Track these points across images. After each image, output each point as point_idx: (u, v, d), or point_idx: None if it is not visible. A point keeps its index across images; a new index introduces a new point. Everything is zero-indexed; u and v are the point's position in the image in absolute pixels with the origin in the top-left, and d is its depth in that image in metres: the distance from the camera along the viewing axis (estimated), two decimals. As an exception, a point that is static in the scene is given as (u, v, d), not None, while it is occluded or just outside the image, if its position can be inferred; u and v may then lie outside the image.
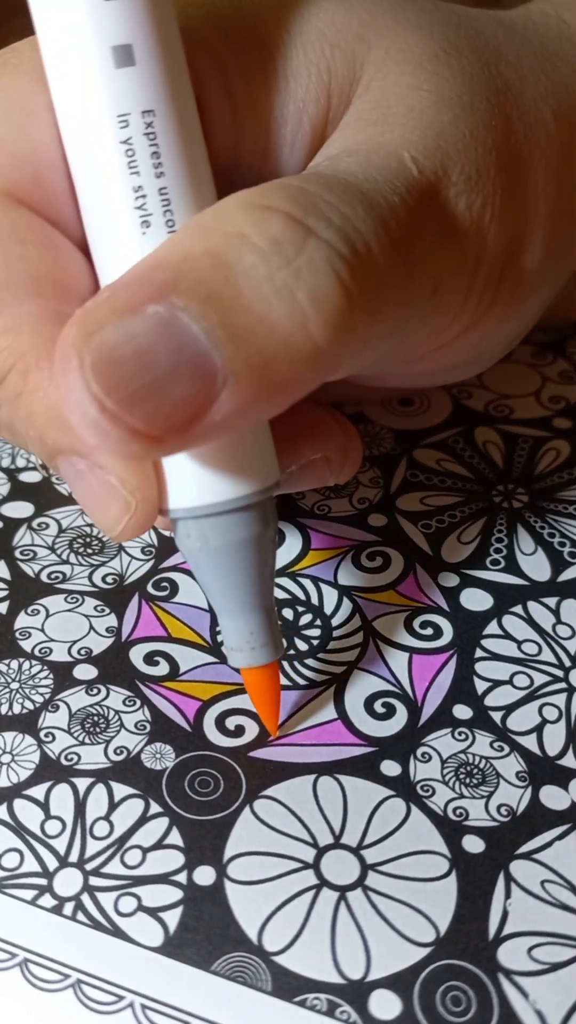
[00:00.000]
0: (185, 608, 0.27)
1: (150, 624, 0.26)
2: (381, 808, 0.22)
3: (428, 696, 0.24)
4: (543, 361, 0.35)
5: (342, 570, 0.27)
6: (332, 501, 0.30)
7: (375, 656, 0.25)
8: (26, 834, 0.21)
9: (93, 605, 0.27)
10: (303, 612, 0.26)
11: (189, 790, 0.22)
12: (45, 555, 0.28)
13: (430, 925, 0.20)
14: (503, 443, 0.31)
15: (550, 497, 0.30)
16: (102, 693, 0.24)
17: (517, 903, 0.20)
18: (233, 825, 0.21)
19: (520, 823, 0.22)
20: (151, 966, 0.19)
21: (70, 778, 0.22)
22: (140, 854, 0.20)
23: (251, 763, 0.23)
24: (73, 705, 0.24)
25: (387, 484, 0.30)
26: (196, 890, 0.20)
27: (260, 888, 0.20)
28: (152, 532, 0.29)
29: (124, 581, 0.27)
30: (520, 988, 0.19)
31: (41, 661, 0.25)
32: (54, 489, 0.30)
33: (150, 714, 0.24)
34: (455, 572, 0.27)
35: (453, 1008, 0.18)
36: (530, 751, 0.23)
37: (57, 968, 0.19)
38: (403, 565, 0.27)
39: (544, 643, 0.25)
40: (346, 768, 0.23)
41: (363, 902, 0.20)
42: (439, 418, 0.33)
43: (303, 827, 0.21)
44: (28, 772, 0.22)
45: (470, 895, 0.20)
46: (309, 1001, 0.18)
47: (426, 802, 0.22)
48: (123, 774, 0.22)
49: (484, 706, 0.24)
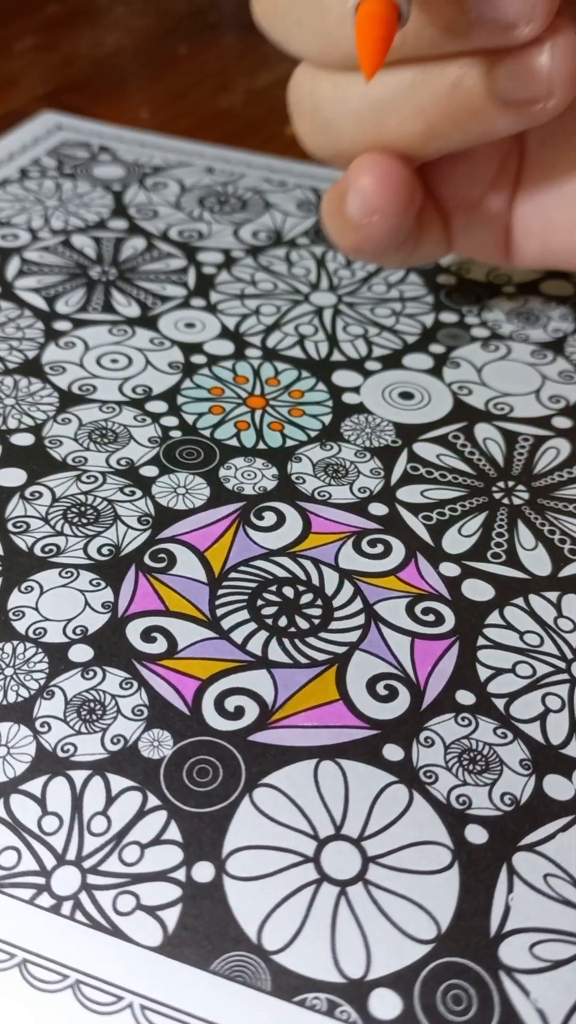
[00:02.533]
0: (183, 581, 0.26)
1: (147, 597, 0.26)
2: (383, 795, 0.22)
3: (431, 680, 0.24)
4: (543, 360, 0.35)
5: (343, 555, 0.27)
6: (332, 488, 0.29)
7: (377, 638, 0.24)
8: (23, 831, 0.20)
9: (88, 579, 0.26)
10: (304, 591, 0.26)
11: (187, 780, 0.22)
12: (38, 527, 0.27)
13: (431, 921, 0.19)
14: (503, 440, 0.31)
15: (550, 495, 0.29)
16: (98, 676, 0.23)
17: (519, 898, 0.20)
18: (232, 817, 0.21)
19: (523, 813, 0.21)
20: (150, 966, 0.19)
21: (67, 771, 0.22)
22: (138, 850, 0.20)
23: (250, 748, 0.22)
24: (69, 691, 0.23)
25: (388, 476, 0.30)
26: (195, 887, 0.20)
27: (259, 884, 0.20)
28: (149, 500, 0.28)
29: (120, 552, 0.27)
30: (521, 986, 0.19)
31: (36, 643, 0.24)
32: (47, 454, 0.29)
33: (147, 697, 0.23)
34: (456, 563, 0.27)
35: (454, 1007, 0.18)
36: (533, 739, 0.23)
37: (56, 968, 0.19)
38: (404, 553, 0.27)
39: (546, 635, 0.25)
40: (348, 752, 0.22)
41: (364, 897, 0.20)
42: (439, 413, 0.32)
43: (303, 817, 0.21)
44: (24, 766, 0.22)
45: (472, 889, 0.20)
46: (309, 1001, 0.18)
47: (429, 789, 0.22)
48: (120, 765, 0.22)
49: (487, 693, 0.23)
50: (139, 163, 0.47)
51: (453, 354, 0.35)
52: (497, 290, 0.38)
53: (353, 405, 0.32)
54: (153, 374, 0.33)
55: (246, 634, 0.25)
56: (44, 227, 0.41)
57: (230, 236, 0.41)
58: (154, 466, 0.29)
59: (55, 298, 0.37)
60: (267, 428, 0.31)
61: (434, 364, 0.34)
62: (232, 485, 0.29)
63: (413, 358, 0.34)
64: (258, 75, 0.60)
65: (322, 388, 0.33)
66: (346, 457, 0.30)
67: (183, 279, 0.38)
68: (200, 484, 0.29)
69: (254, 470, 0.29)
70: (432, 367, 0.34)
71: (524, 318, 0.37)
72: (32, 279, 0.38)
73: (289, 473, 0.29)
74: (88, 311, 0.36)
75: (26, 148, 0.48)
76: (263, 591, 0.26)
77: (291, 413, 0.32)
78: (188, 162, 0.47)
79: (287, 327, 0.36)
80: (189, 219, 0.42)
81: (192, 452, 0.30)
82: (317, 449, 0.30)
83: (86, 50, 0.63)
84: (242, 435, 0.31)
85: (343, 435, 0.31)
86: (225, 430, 0.31)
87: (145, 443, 0.30)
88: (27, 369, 0.33)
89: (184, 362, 0.34)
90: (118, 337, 0.35)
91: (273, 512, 0.28)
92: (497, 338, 0.36)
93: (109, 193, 0.44)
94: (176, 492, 0.28)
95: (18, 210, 0.42)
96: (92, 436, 0.30)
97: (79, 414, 0.31)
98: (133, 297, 0.37)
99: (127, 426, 0.31)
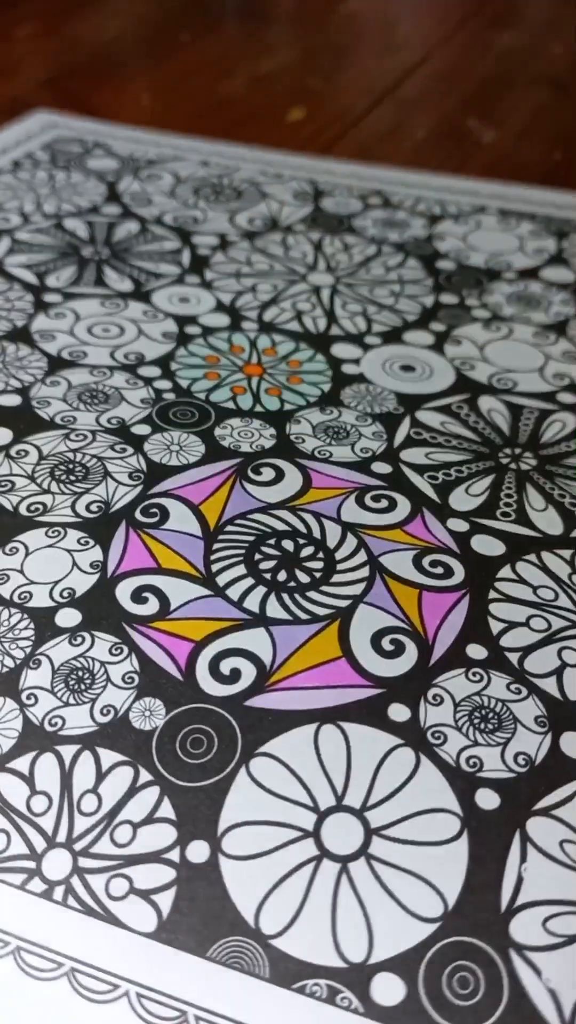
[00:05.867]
0: (176, 535, 0.25)
1: (138, 555, 0.24)
2: (388, 760, 0.20)
3: (440, 634, 0.22)
4: (546, 341, 0.34)
5: (345, 508, 0.25)
6: (333, 447, 0.27)
7: (382, 591, 0.23)
8: (12, 812, 0.20)
9: (76, 538, 0.25)
10: (304, 544, 0.24)
11: (181, 752, 0.21)
12: (24, 485, 0.26)
13: (438, 897, 0.18)
14: (508, 412, 0.30)
15: (559, 463, 0.28)
16: (87, 642, 0.22)
17: (533, 868, 0.19)
18: (228, 791, 0.20)
19: (539, 774, 0.20)
20: (145, 953, 0.18)
21: (55, 746, 0.21)
22: (130, 830, 0.19)
23: (247, 714, 0.21)
24: (56, 659, 0.22)
25: (390, 438, 0.28)
26: (190, 868, 0.19)
27: (257, 863, 0.19)
28: (141, 457, 0.26)
29: (110, 509, 0.25)
30: (533, 965, 0.18)
31: (21, 608, 0.23)
32: (35, 414, 0.28)
33: (138, 663, 0.22)
34: (464, 519, 0.25)
35: (460, 991, 0.17)
36: (549, 694, 0.21)
37: (51, 956, 0.18)
38: (410, 507, 0.25)
39: (560, 590, 0.23)
40: (351, 714, 0.21)
41: (366, 873, 0.19)
42: (442, 385, 0.31)
43: (303, 788, 0.20)
44: (11, 742, 0.21)
45: (482, 860, 0.19)
46: (308, 988, 0.18)
47: (437, 751, 0.20)
48: (111, 738, 0.21)
49: (500, 647, 0.22)
50: (134, 157, 0.45)
51: (454, 332, 0.33)
52: (497, 276, 0.37)
53: (353, 375, 0.31)
54: (146, 342, 0.32)
55: (243, 590, 0.23)
56: (36, 212, 0.40)
57: (225, 222, 0.40)
58: (146, 424, 0.28)
59: (45, 274, 0.36)
60: (264, 393, 0.29)
61: (435, 341, 0.33)
62: (228, 443, 0.27)
63: (414, 335, 0.33)
64: (260, 62, 0.60)
65: (320, 359, 0.31)
66: (347, 420, 0.28)
67: (177, 259, 0.37)
68: (195, 442, 0.27)
69: (251, 430, 0.28)
70: (433, 344, 0.33)
71: (525, 302, 0.35)
72: (22, 256, 0.37)
73: (288, 433, 0.28)
74: (80, 286, 0.35)
75: (19, 143, 0.47)
76: (261, 545, 0.24)
77: (289, 380, 0.30)
78: (183, 156, 0.46)
79: (284, 303, 0.34)
80: (184, 207, 0.41)
81: (187, 413, 0.28)
82: (317, 412, 0.29)
83: (87, 36, 0.64)
84: (238, 398, 0.29)
85: (343, 401, 0.29)
86: (221, 394, 0.29)
87: (137, 404, 0.29)
88: (15, 336, 0.32)
89: (178, 332, 0.32)
90: (110, 310, 0.33)
91: (271, 468, 0.26)
92: (499, 319, 0.34)
93: (103, 183, 0.43)
94: (169, 449, 0.27)
95: (9, 197, 0.41)
96: (82, 397, 0.29)
97: (69, 377, 0.30)
98: (126, 274, 0.36)
99: (119, 388, 0.29)
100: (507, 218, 0.42)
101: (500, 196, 0.45)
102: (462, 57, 0.66)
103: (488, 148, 0.52)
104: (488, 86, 0.61)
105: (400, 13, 0.77)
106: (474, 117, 0.56)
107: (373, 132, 0.54)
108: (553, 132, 0.55)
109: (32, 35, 0.63)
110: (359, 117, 0.55)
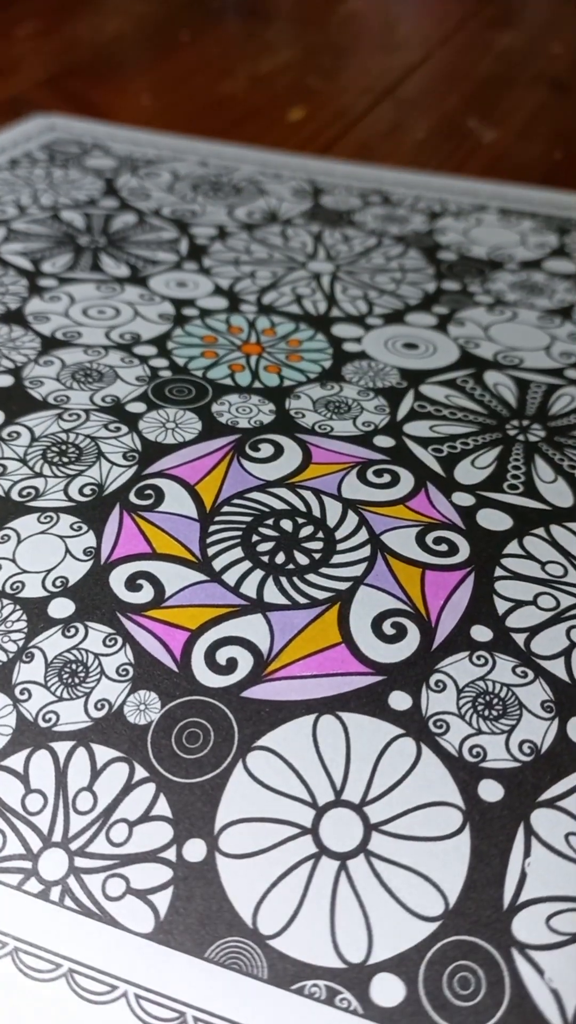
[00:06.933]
0: (172, 518, 0.24)
1: (133, 540, 0.24)
2: (388, 751, 0.20)
3: (443, 616, 0.21)
4: (551, 324, 0.33)
5: (346, 484, 0.24)
6: (334, 422, 0.26)
7: (384, 571, 0.22)
8: (8, 812, 0.20)
9: (69, 523, 0.24)
10: (303, 524, 0.23)
11: (176, 747, 0.20)
12: (16, 468, 0.25)
13: (438, 895, 0.18)
14: (515, 386, 0.29)
15: (569, 435, 0.26)
16: (80, 633, 0.22)
17: (537, 862, 0.18)
18: (224, 787, 0.20)
19: (545, 763, 0.19)
20: (143, 953, 0.18)
21: (49, 743, 0.20)
22: (126, 829, 0.19)
23: (244, 706, 0.21)
24: (49, 652, 0.22)
25: (393, 412, 0.27)
26: (186, 868, 0.19)
27: (254, 861, 0.19)
28: (135, 436, 0.26)
29: (104, 491, 0.24)
30: (535, 964, 0.17)
31: (13, 599, 0.23)
32: (27, 394, 0.27)
33: (133, 654, 0.22)
34: (470, 493, 0.24)
35: (461, 991, 0.17)
36: (557, 677, 0.20)
37: (48, 957, 0.18)
38: (413, 482, 0.24)
39: (570, 565, 0.22)
40: (350, 703, 0.20)
41: (365, 871, 0.18)
42: (446, 361, 0.30)
43: (301, 783, 0.19)
44: (5, 739, 0.20)
45: (484, 855, 0.18)
46: (307, 988, 0.17)
47: (439, 740, 0.20)
48: (105, 734, 0.20)
49: (505, 627, 0.21)
50: (132, 156, 0.44)
51: (458, 315, 0.32)
52: (499, 266, 0.36)
53: (354, 353, 0.30)
54: (142, 323, 0.31)
55: (240, 575, 0.23)
56: (33, 204, 0.39)
57: (224, 215, 0.39)
58: (141, 403, 0.27)
59: (41, 260, 0.35)
60: (263, 370, 0.28)
61: (438, 323, 0.32)
62: (226, 420, 0.26)
63: (416, 316, 0.32)
64: (260, 61, 0.59)
65: (321, 338, 0.30)
66: (348, 395, 0.27)
67: (175, 248, 0.36)
68: (191, 419, 0.26)
69: (250, 406, 0.27)
70: (436, 324, 0.32)
71: (528, 290, 0.34)
72: (18, 244, 0.36)
73: (288, 408, 0.27)
74: (75, 271, 0.34)
75: (17, 144, 0.46)
76: (259, 525, 0.23)
77: (289, 358, 0.29)
78: (182, 157, 0.45)
79: (284, 288, 0.33)
80: (182, 201, 0.40)
81: (183, 390, 0.28)
82: (317, 388, 0.28)
83: (88, 35, 0.63)
84: (236, 375, 0.28)
85: (344, 377, 0.28)
86: (218, 371, 0.28)
87: (132, 381, 0.28)
88: (8, 318, 0.31)
89: (175, 314, 0.31)
90: (106, 293, 0.33)
91: (270, 444, 0.25)
92: (502, 303, 0.33)
93: (100, 180, 0.42)
94: (165, 427, 0.26)
95: (6, 191, 0.41)
96: (75, 376, 0.28)
97: (62, 357, 0.29)
98: (123, 261, 0.35)
99: (113, 367, 0.29)
100: (508, 216, 0.40)
101: (500, 196, 0.44)
102: (462, 57, 0.65)
103: (488, 148, 0.51)
104: (488, 86, 0.60)
105: (400, 13, 0.75)
106: (474, 117, 0.55)
107: (373, 132, 0.53)
108: (553, 132, 0.54)
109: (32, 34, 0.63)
110: (359, 117, 0.55)
